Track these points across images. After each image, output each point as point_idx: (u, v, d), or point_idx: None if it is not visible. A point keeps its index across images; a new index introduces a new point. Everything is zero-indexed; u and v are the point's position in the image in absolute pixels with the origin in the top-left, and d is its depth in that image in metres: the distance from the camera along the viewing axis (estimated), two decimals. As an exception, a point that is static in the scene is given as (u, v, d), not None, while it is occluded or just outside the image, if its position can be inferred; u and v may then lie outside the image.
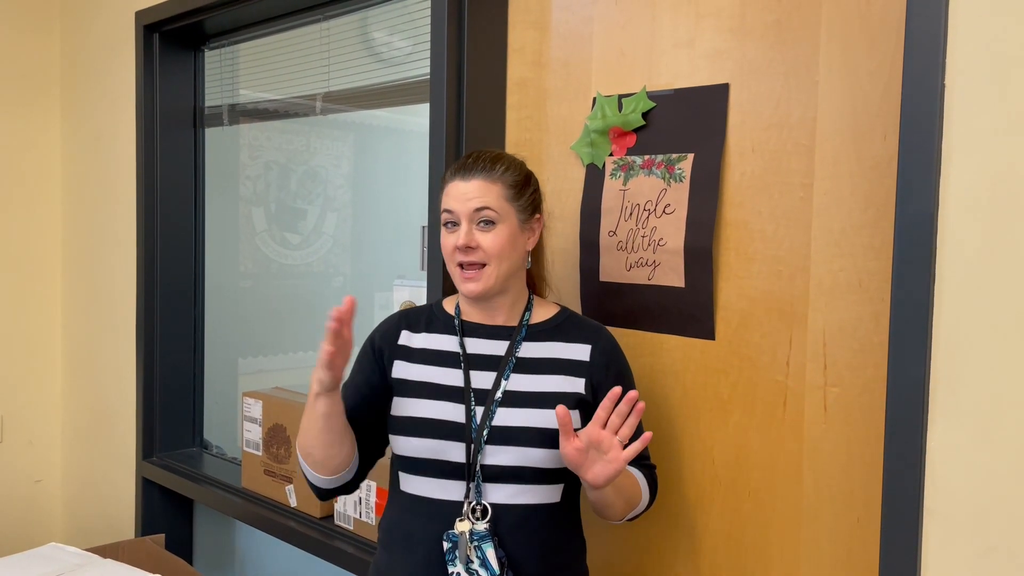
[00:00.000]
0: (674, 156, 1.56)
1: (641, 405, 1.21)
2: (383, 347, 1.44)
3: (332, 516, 2.16)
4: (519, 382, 1.37)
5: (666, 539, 1.61)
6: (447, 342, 1.42)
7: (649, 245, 1.59)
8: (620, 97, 1.63)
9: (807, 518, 1.43)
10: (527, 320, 1.42)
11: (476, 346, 1.41)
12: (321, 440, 1.34)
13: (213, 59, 2.75)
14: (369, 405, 1.42)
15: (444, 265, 1.57)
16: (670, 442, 1.59)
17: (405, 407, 1.38)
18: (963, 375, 1.13)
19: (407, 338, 1.44)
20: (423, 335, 1.44)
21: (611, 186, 1.65)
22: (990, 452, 1.11)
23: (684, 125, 1.55)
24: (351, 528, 2.08)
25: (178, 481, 2.61)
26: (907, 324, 1.16)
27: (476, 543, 1.30)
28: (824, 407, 1.41)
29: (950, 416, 1.14)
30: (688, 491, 1.57)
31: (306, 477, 1.42)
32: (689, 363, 1.57)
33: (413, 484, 1.38)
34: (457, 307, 1.45)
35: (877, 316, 1.34)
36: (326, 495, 1.44)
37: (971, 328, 1.12)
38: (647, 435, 1.22)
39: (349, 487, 1.44)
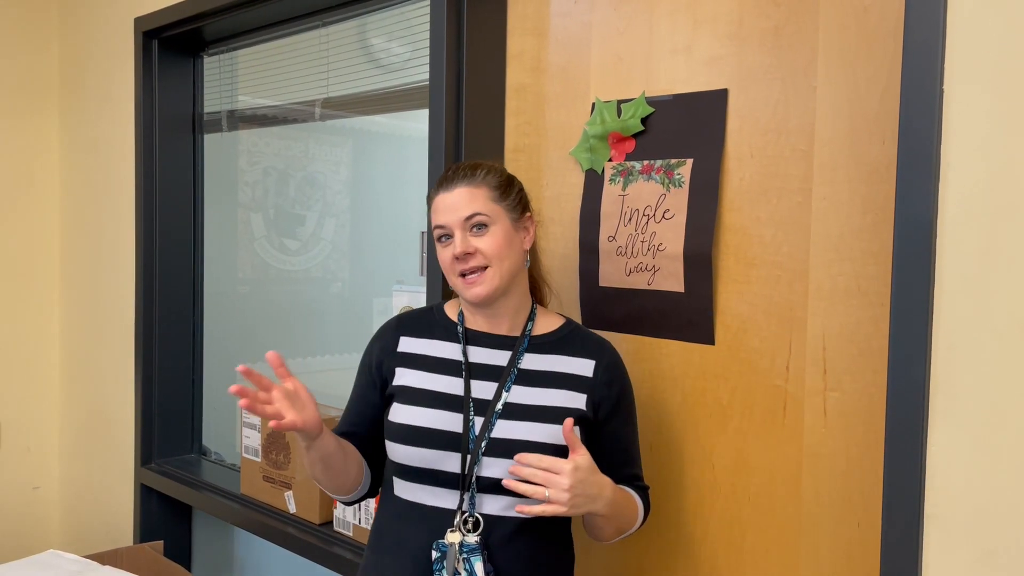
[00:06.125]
0: (673, 161, 1.56)
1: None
2: (382, 359, 1.43)
3: (331, 522, 2.15)
4: (520, 394, 1.35)
5: (665, 545, 1.61)
6: (449, 349, 1.40)
7: (648, 250, 1.59)
8: (619, 102, 1.64)
9: (807, 523, 1.43)
10: (529, 331, 1.41)
11: (478, 355, 1.39)
12: (325, 475, 1.39)
13: (212, 65, 2.75)
14: (371, 422, 1.43)
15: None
16: (669, 448, 1.59)
17: (402, 414, 1.36)
18: (963, 379, 1.13)
19: (407, 344, 1.43)
20: (425, 341, 1.42)
21: (610, 191, 1.65)
22: (990, 456, 1.11)
23: (683, 130, 1.55)
24: (350, 534, 2.08)
25: (177, 487, 2.60)
26: (907, 328, 1.16)
27: (465, 555, 1.29)
28: (824, 412, 1.41)
29: (950, 420, 1.14)
30: (687, 497, 1.57)
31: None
32: (688, 368, 1.57)
33: (406, 490, 1.38)
34: (460, 314, 1.44)
35: (876, 321, 1.34)
36: (351, 503, 1.50)
37: (971, 332, 1.12)
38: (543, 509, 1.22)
39: (370, 494, 1.48)
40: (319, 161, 2.48)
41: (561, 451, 1.28)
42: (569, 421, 1.24)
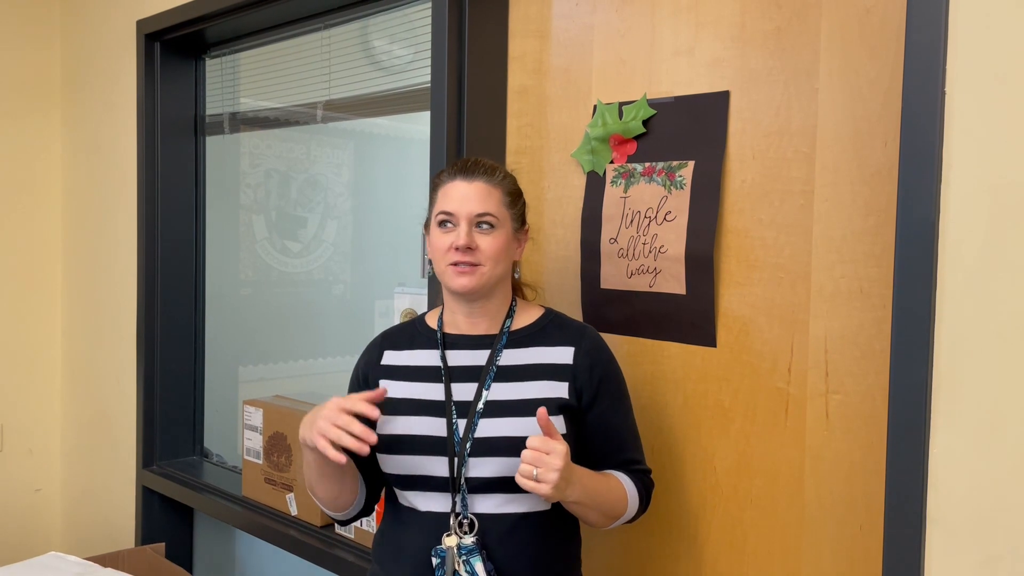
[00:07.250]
0: (675, 163, 1.56)
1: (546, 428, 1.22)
2: (367, 373, 1.45)
3: (333, 525, 2.15)
4: (501, 391, 1.35)
5: (667, 547, 1.60)
6: (430, 357, 1.41)
7: (650, 252, 1.59)
8: (621, 104, 1.63)
9: (809, 526, 1.43)
10: (508, 327, 1.41)
11: (458, 358, 1.40)
12: (320, 484, 1.37)
13: (214, 68, 2.76)
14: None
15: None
16: (671, 450, 1.59)
17: (386, 425, 1.37)
18: (965, 381, 1.12)
19: (390, 358, 1.44)
20: (407, 352, 1.44)
21: (612, 193, 1.65)
22: (993, 459, 1.10)
23: (685, 132, 1.55)
24: (352, 537, 2.08)
25: (178, 490, 2.60)
26: (909, 331, 1.16)
27: (464, 557, 1.29)
28: (826, 414, 1.40)
29: (953, 423, 1.14)
30: (689, 499, 1.57)
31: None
32: (690, 370, 1.56)
33: (402, 497, 1.39)
34: (440, 320, 1.45)
35: (879, 323, 1.33)
36: (344, 523, 1.48)
37: (973, 334, 1.12)
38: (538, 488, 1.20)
39: (363, 513, 1.47)
40: (321, 163, 2.48)
41: None
42: (542, 410, 1.21)
